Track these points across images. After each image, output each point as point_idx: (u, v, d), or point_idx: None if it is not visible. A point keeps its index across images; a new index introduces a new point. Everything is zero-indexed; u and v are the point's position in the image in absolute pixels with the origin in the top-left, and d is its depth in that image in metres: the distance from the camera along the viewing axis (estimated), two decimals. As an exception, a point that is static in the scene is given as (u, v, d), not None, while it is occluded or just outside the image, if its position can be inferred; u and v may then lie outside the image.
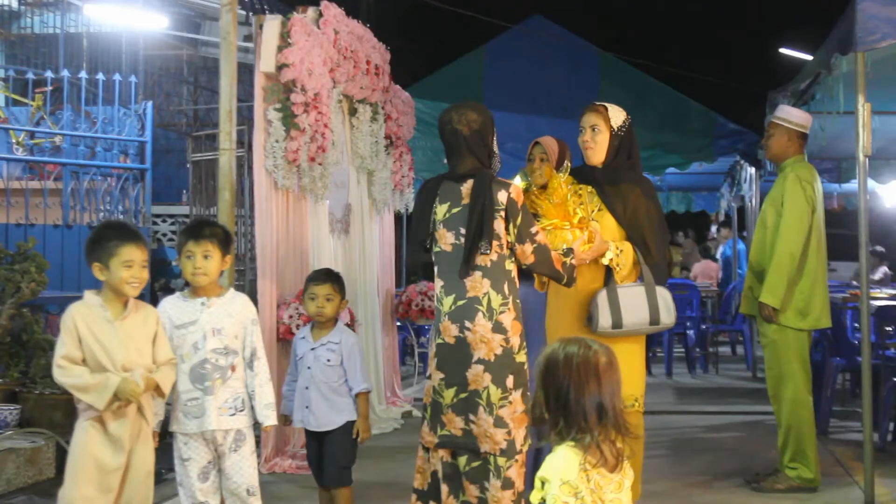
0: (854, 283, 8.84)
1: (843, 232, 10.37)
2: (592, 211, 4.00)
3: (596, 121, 4.11)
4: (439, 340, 3.57)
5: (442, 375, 3.54)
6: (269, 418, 3.61)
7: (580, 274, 3.86)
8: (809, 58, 7.76)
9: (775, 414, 4.98)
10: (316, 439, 4.07)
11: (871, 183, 9.56)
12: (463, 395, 3.49)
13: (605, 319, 3.92)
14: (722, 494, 4.91)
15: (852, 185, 10.08)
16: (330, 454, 4.02)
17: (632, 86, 8.85)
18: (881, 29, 4.39)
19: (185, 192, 12.48)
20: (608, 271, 3.98)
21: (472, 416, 3.46)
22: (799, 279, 4.85)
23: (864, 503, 4.54)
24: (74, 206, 7.33)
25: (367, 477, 4.67)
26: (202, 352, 3.50)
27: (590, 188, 4.08)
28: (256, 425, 3.66)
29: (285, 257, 5.48)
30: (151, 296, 7.74)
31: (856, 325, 6.38)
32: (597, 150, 4.10)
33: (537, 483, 2.37)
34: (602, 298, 3.95)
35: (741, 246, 11.73)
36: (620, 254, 3.99)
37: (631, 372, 3.84)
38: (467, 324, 3.50)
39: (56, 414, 5.07)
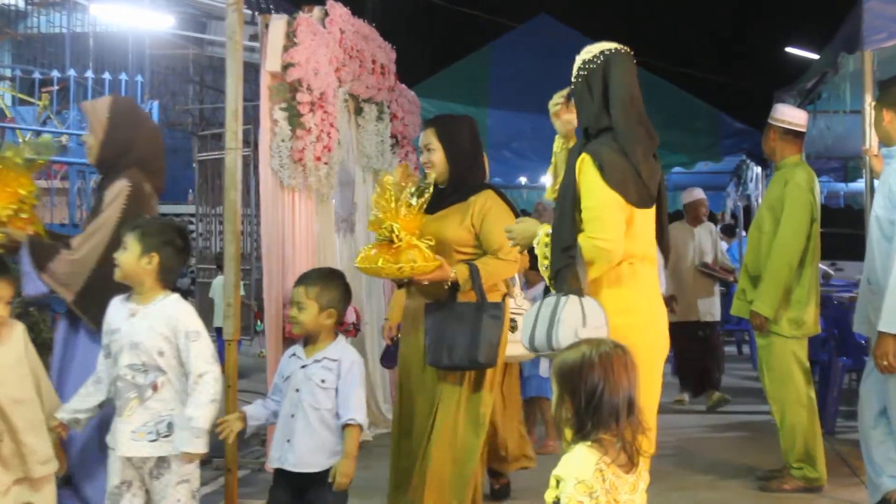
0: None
1: (849, 231, 10.34)
2: None
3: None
4: None
5: None
6: (190, 444, 3.07)
7: None
8: (816, 57, 7.74)
9: (774, 415, 4.95)
10: (290, 486, 3.22)
11: (876, 182, 9.52)
12: None
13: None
14: (728, 494, 4.90)
15: (859, 185, 10.06)
16: None
17: (637, 85, 8.82)
18: (888, 28, 4.39)
19: (190, 191, 12.52)
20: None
21: None
22: (797, 289, 4.79)
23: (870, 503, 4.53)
24: (81, 205, 7.36)
25: (369, 475, 4.63)
26: (117, 367, 3.15)
27: None
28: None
29: (291, 256, 5.48)
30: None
31: (862, 324, 6.36)
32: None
33: (552, 482, 2.35)
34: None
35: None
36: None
37: None
38: None
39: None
